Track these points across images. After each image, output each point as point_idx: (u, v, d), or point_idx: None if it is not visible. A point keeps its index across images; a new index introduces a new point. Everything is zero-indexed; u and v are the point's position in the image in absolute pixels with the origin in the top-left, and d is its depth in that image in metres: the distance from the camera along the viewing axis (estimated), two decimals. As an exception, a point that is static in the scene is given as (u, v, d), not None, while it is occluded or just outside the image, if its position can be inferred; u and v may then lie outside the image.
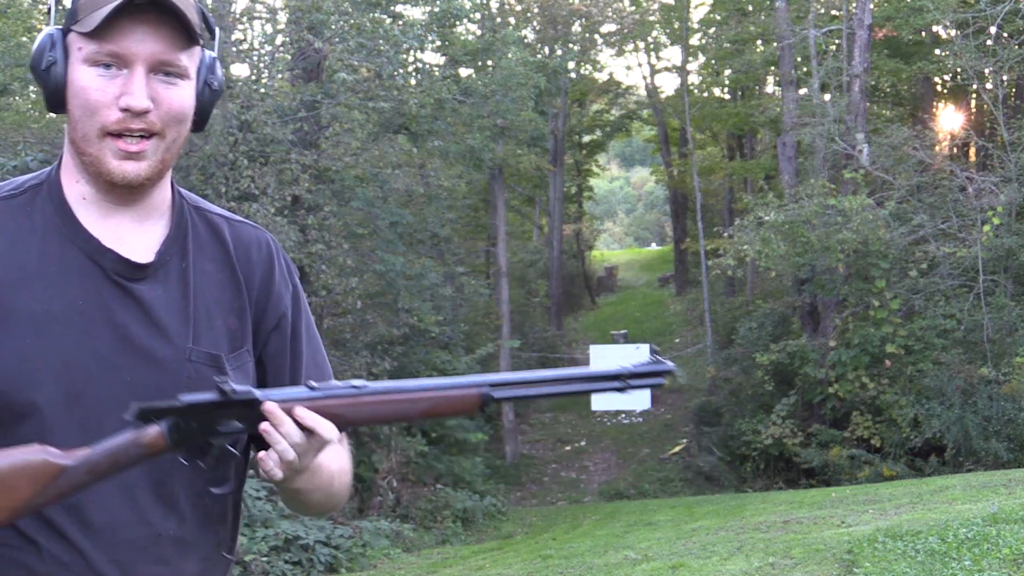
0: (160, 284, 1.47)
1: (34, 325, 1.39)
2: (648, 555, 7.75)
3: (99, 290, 1.43)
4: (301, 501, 1.53)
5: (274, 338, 1.57)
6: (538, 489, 19.11)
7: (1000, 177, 14.87)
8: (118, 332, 1.42)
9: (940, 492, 9.16)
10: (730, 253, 16.32)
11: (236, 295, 1.53)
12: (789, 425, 15.98)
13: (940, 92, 21.85)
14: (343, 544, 10.00)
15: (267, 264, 1.58)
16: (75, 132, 1.42)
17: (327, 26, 12.90)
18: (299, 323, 1.60)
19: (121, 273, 1.44)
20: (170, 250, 1.49)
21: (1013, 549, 5.63)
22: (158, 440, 1.34)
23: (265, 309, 1.56)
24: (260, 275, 1.57)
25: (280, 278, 1.59)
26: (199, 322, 1.48)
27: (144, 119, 1.39)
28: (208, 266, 1.52)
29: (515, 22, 23.49)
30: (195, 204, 1.57)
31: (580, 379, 1.45)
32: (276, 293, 1.58)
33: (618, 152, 57.07)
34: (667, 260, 34.00)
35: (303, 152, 12.49)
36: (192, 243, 1.52)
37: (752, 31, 21.53)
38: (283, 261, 1.61)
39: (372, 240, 15.04)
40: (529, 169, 23.23)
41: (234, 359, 1.50)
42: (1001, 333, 14.28)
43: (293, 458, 1.35)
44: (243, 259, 1.56)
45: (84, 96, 1.39)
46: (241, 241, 1.57)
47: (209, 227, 1.56)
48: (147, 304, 1.44)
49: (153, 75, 1.40)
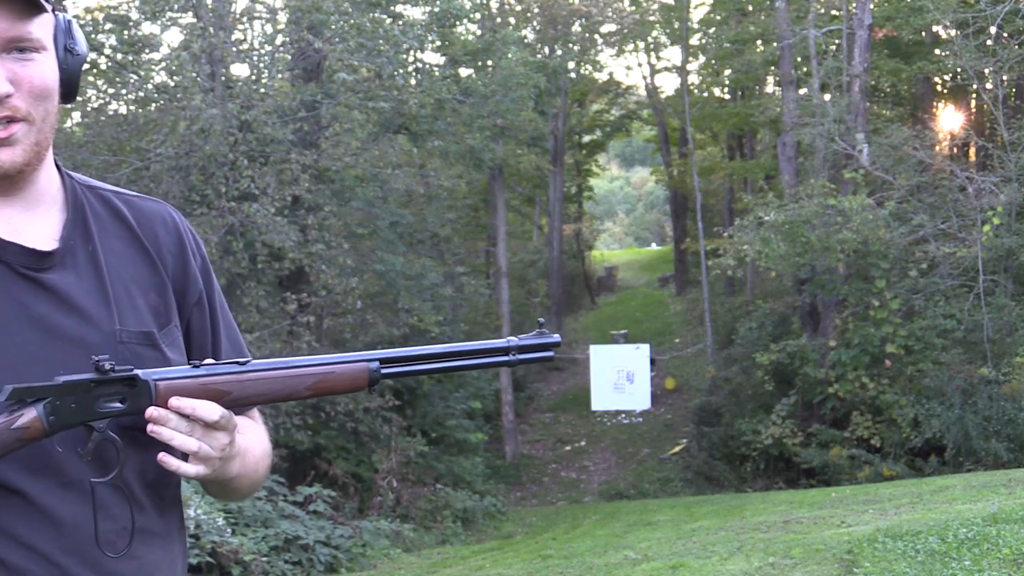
0: (70, 270, 1.39)
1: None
2: (648, 555, 7.75)
3: (8, 286, 1.35)
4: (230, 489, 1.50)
5: (196, 313, 1.53)
6: (538, 489, 19.11)
7: (1000, 177, 14.87)
8: (38, 325, 1.35)
9: (940, 492, 9.16)
10: (730, 253, 16.32)
11: (152, 271, 1.48)
12: (789, 425, 15.98)
13: (940, 92, 21.85)
14: (343, 544, 10.00)
15: (176, 238, 1.53)
16: None
17: (327, 26, 12.90)
18: (214, 297, 1.56)
19: (27, 265, 1.36)
20: (72, 234, 1.42)
21: (1013, 549, 5.63)
22: (35, 423, 1.27)
23: (185, 284, 1.51)
24: (172, 250, 1.51)
25: (192, 252, 1.54)
26: (120, 302, 1.42)
27: (6, 105, 1.31)
28: (116, 244, 1.46)
29: (515, 22, 23.50)
30: (86, 184, 1.50)
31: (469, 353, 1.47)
32: (191, 267, 1.53)
33: (618, 152, 57.08)
34: (667, 260, 34.01)
35: (303, 152, 12.49)
36: (94, 224, 1.45)
37: (752, 31, 21.52)
38: (190, 234, 1.56)
39: (372, 240, 15.05)
40: (529, 169, 23.24)
41: (165, 335, 1.45)
42: (1001, 333, 14.28)
43: (194, 448, 1.31)
44: (150, 234, 1.50)
45: None
46: (144, 216, 1.51)
47: (106, 205, 1.49)
48: (62, 292, 1.37)
49: (6, 55, 1.31)
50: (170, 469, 1.33)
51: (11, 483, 1.32)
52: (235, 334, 1.61)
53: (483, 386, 18.38)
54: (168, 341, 1.46)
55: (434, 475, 14.96)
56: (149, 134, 12.58)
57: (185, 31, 12.75)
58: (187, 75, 11.75)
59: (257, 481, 1.54)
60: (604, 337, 24.89)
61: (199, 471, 1.34)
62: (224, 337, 1.57)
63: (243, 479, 1.48)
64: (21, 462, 1.32)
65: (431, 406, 16.03)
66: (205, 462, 1.34)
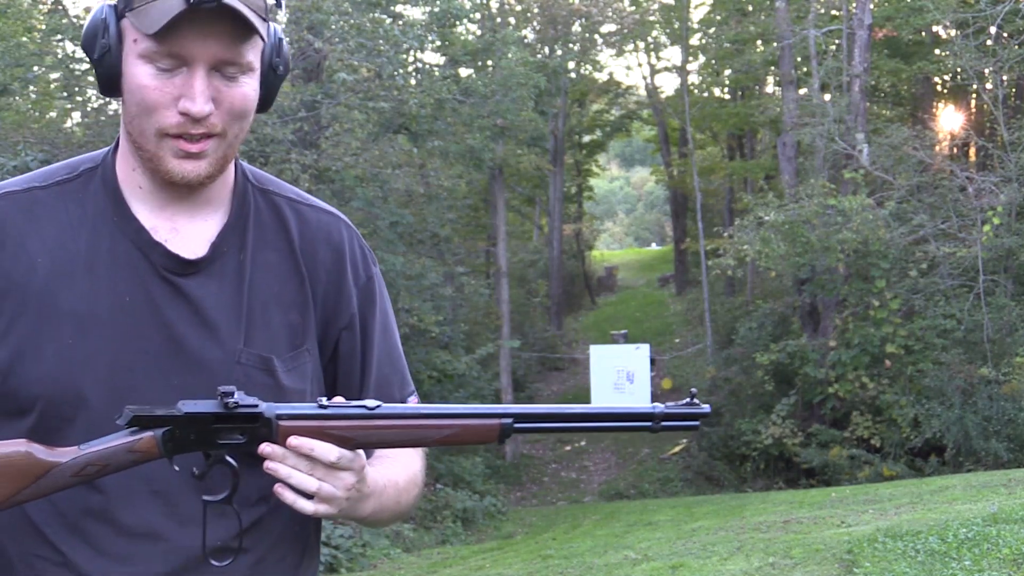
0: (214, 279, 1.38)
1: (78, 325, 1.33)
2: (648, 555, 7.75)
3: (147, 286, 1.35)
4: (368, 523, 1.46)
5: (345, 337, 1.48)
6: (538, 489, 19.11)
7: (1000, 177, 14.86)
8: (166, 332, 1.34)
9: (940, 492, 9.16)
10: (730, 253, 16.32)
11: (299, 288, 1.43)
12: (789, 425, 15.98)
13: (940, 92, 21.85)
14: (343, 544, 10.00)
15: (336, 254, 1.47)
16: (131, 126, 1.33)
17: (327, 26, 12.90)
18: (371, 321, 1.50)
19: (170, 268, 1.36)
20: (227, 241, 1.40)
21: (1013, 549, 5.63)
22: (151, 447, 1.27)
23: (336, 306, 1.46)
24: (328, 267, 1.46)
25: (352, 270, 1.48)
26: (253, 320, 1.39)
27: (205, 123, 1.30)
28: (270, 257, 1.43)
29: (515, 22, 23.48)
30: (262, 186, 1.47)
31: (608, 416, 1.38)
32: (347, 288, 1.47)
33: (618, 152, 57.06)
34: (667, 260, 34.00)
35: (303, 152, 12.49)
36: (252, 232, 1.42)
37: (752, 31, 21.52)
38: (357, 250, 1.50)
39: (372, 240, 15.02)
40: (529, 169, 23.23)
41: (291, 359, 1.42)
42: (1001, 333, 14.27)
43: (314, 488, 1.28)
44: (308, 249, 1.45)
45: (141, 95, 1.30)
46: (308, 228, 1.47)
47: (274, 212, 1.45)
48: (197, 301, 1.36)
49: (215, 72, 1.30)
50: (286, 502, 1.29)
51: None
52: (396, 361, 1.54)
53: (483, 386, 18.37)
54: (291, 366, 1.42)
55: (434, 475, 14.96)
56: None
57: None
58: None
59: (400, 513, 1.48)
60: (604, 337, 24.86)
61: (320, 510, 1.30)
62: (376, 365, 1.51)
63: (382, 514, 1.43)
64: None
65: (431, 406, 16.01)
66: (328, 502, 1.29)
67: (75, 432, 1.30)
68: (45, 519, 1.33)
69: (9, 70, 12.47)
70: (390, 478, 1.43)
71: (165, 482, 1.34)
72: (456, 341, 17.14)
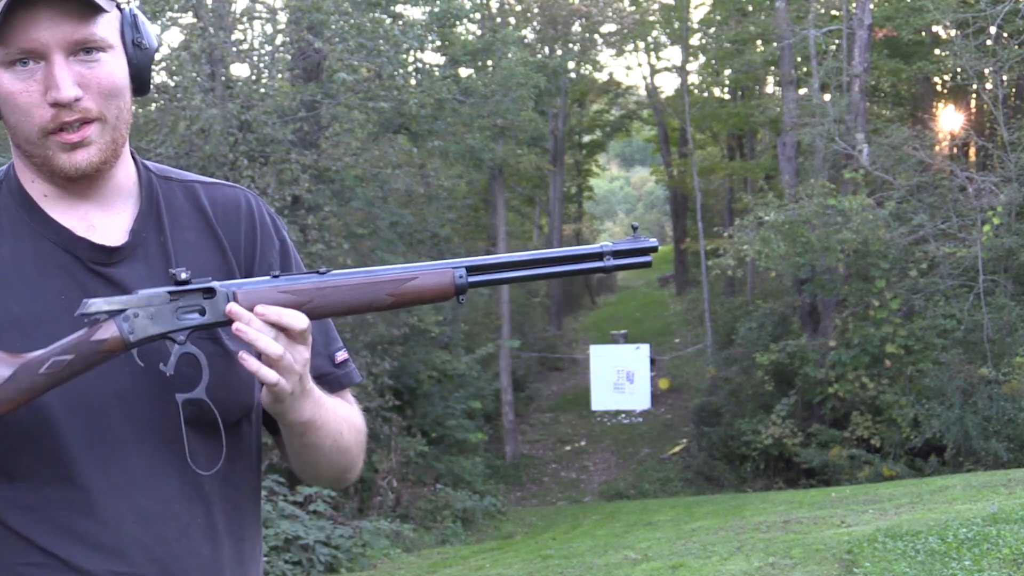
0: (140, 263, 1.42)
1: (21, 329, 1.34)
2: (648, 555, 7.75)
3: (79, 281, 1.38)
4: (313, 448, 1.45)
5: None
6: (538, 489, 19.11)
7: (1000, 177, 14.86)
8: None
9: (940, 492, 9.16)
10: (730, 253, 16.31)
11: (223, 260, 1.48)
12: (789, 425, 15.98)
13: (940, 92, 21.84)
14: (343, 544, 10.00)
15: (249, 223, 1.52)
16: (16, 137, 1.36)
17: (327, 26, 12.89)
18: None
19: (96, 260, 1.39)
20: (144, 227, 1.44)
21: (1013, 549, 5.63)
22: (115, 336, 1.29)
23: (252, 268, 1.51)
24: (243, 235, 1.51)
25: (264, 235, 1.53)
26: None
27: (77, 108, 1.32)
28: (188, 235, 1.47)
29: (515, 22, 23.49)
30: (164, 175, 1.51)
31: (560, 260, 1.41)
32: (261, 251, 1.52)
33: (618, 152, 57.07)
34: (667, 260, 34.02)
35: (303, 152, 12.49)
36: (167, 215, 1.46)
37: (752, 31, 21.52)
38: (267, 217, 1.55)
39: (372, 240, 15.04)
40: (529, 169, 23.23)
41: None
42: (1001, 333, 14.27)
43: (279, 352, 1.29)
44: (223, 221, 1.50)
45: (12, 101, 1.32)
46: (219, 203, 1.51)
47: (184, 195, 1.50)
48: (129, 287, 1.38)
49: (73, 58, 1.32)
50: (250, 369, 1.30)
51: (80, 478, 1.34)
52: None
53: (483, 386, 18.38)
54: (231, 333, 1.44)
55: (434, 475, 14.96)
56: (149, 134, 12.57)
57: (185, 31, 12.75)
58: (187, 75, 11.73)
59: (343, 448, 1.50)
60: (604, 337, 24.87)
61: (280, 381, 1.31)
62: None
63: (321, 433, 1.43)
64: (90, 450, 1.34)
65: (431, 406, 16.03)
66: (287, 374, 1.31)
67: (41, 434, 1.32)
68: (31, 528, 1.34)
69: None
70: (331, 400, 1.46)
71: (142, 466, 1.36)
72: (456, 341, 17.15)
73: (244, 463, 1.48)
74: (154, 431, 1.37)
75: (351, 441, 1.52)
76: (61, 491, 1.34)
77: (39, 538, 1.34)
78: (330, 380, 1.53)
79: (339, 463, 1.53)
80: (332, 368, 1.54)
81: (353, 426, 1.53)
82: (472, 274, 1.38)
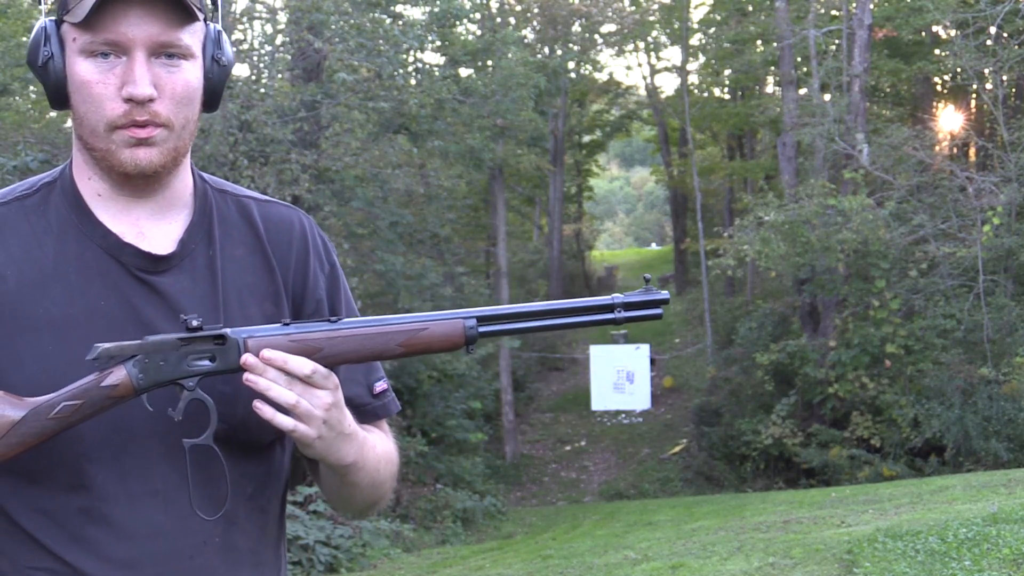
0: (186, 274, 1.41)
1: (55, 331, 1.34)
2: (648, 555, 7.75)
3: (121, 288, 1.37)
4: (350, 485, 1.45)
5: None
6: (538, 489, 19.12)
7: (1000, 177, 14.86)
8: (145, 330, 1.35)
9: (940, 492, 9.16)
10: (730, 253, 16.32)
11: (270, 280, 1.47)
12: (789, 425, 15.98)
13: (940, 92, 21.84)
14: (343, 544, 10.00)
15: (301, 245, 1.51)
16: (81, 128, 1.36)
17: (327, 26, 12.90)
18: (337, 306, 1.54)
19: (142, 267, 1.38)
20: (194, 238, 1.43)
21: (1013, 549, 5.63)
22: (124, 381, 1.28)
23: (303, 295, 1.50)
24: (295, 258, 1.50)
25: (315, 260, 1.52)
26: (230, 312, 1.42)
27: (148, 109, 1.32)
28: (238, 251, 1.46)
29: (515, 22, 23.49)
30: (220, 188, 1.50)
31: (571, 311, 1.41)
32: (312, 276, 1.51)
33: (618, 152, 57.08)
34: (667, 260, 34.01)
35: (303, 152, 12.49)
36: (218, 228, 1.45)
37: (752, 31, 21.52)
38: (319, 240, 1.54)
39: (372, 240, 15.04)
40: (529, 169, 23.23)
41: None
42: (1001, 333, 14.27)
43: (292, 401, 1.29)
44: (275, 241, 1.49)
45: (86, 90, 1.32)
46: (272, 222, 1.50)
47: (237, 210, 1.49)
48: (172, 297, 1.38)
49: (154, 59, 1.33)
50: (265, 417, 1.30)
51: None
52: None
53: (483, 386, 18.38)
54: None
55: (434, 475, 14.96)
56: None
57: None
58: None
59: (378, 483, 1.49)
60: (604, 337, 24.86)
61: (300, 428, 1.30)
62: None
63: (362, 473, 1.43)
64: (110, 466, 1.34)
65: (431, 406, 16.03)
66: (307, 420, 1.30)
67: (65, 437, 1.31)
68: (44, 532, 1.34)
69: (9, 70, 12.47)
70: (370, 437, 1.45)
71: (162, 480, 1.35)
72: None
73: (273, 488, 1.47)
74: (177, 445, 1.35)
75: (386, 475, 1.51)
76: (78, 498, 1.33)
77: (52, 543, 1.34)
78: (366, 411, 1.52)
79: (373, 497, 1.52)
80: (370, 399, 1.53)
81: (390, 460, 1.53)
82: (483, 324, 1.38)
